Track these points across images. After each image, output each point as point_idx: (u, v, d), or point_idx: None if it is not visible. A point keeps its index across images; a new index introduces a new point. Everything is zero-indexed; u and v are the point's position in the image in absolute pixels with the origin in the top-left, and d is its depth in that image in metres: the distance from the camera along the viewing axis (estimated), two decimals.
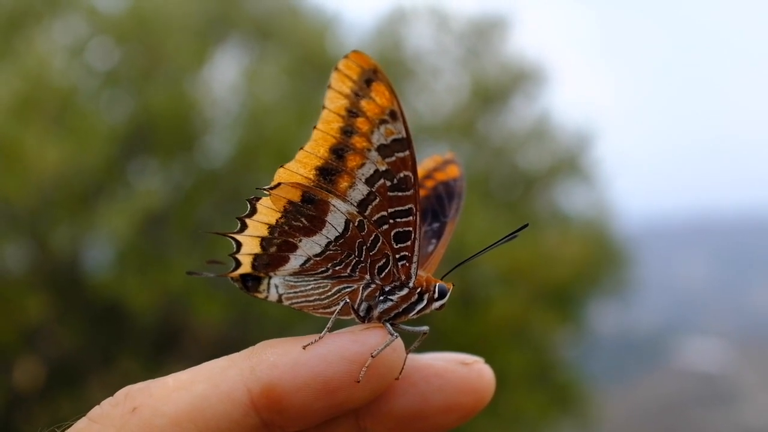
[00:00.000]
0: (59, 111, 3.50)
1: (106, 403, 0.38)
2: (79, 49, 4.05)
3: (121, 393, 0.38)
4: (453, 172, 0.54)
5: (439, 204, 0.52)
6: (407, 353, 0.41)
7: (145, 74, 4.02)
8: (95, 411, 0.38)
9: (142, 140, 4.00)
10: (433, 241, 0.51)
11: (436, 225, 0.51)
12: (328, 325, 0.43)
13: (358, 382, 0.38)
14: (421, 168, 0.54)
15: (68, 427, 0.38)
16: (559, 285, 4.63)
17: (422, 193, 0.52)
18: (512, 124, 5.31)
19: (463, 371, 0.42)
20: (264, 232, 0.47)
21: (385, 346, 0.39)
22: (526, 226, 0.47)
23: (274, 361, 0.38)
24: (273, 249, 0.47)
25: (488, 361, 0.46)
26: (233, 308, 3.54)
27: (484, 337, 4.41)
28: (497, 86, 5.14)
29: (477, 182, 4.94)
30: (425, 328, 0.46)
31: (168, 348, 3.94)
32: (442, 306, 0.46)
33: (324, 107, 0.43)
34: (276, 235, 0.46)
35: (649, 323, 18.29)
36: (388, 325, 0.42)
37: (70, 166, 3.37)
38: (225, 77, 4.38)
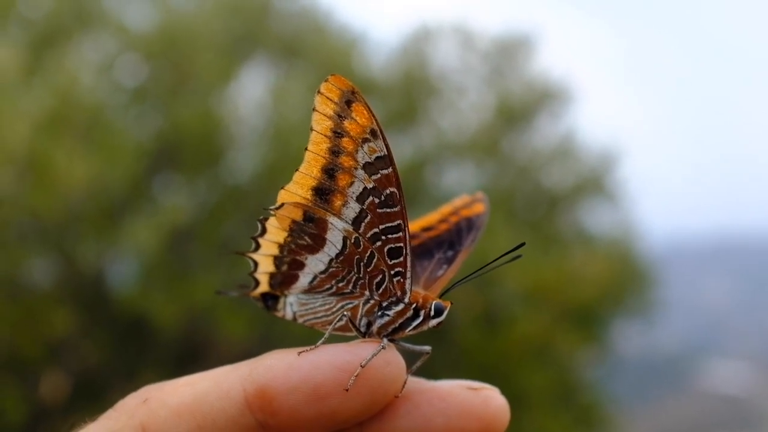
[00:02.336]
0: (88, 127, 3.54)
1: (129, 396, 0.41)
2: (108, 66, 4.10)
3: (142, 389, 0.41)
4: (478, 208, 0.55)
5: (457, 235, 0.53)
6: (409, 372, 0.42)
7: (172, 91, 4.06)
8: (119, 402, 0.41)
9: (168, 156, 4.04)
10: (444, 266, 0.51)
11: (450, 253, 0.52)
12: (325, 336, 0.45)
13: (347, 390, 0.39)
14: (450, 206, 0.55)
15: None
16: (583, 305, 4.61)
17: (445, 227, 0.54)
18: (537, 143, 5.31)
19: (467, 395, 0.41)
20: (275, 251, 0.48)
21: (373, 356, 0.40)
22: (522, 244, 0.48)
23: (270, 365, 0.39)
24: (284, 267, 0.49)
25: (511, 380, 0.46)
26: (257, 325, 3.56)
27: (507, 356, 4.40)
28: (522, 105, 5.14)
29: (501, 201, 4.94)
30: (427, 348, 0.46)
31: (191, 363, 3.95)
32: (439, 324, 0.46)
33: (312, 129, 0.45)
34: (285, 253, 0.48)
35: (673, 344, 18.14)
36: (385, 340, 0.43)
37: (98, 181, 3.41)
38: (251, 94, 4.42)
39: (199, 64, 3.99)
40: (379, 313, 0.46)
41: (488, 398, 0.41)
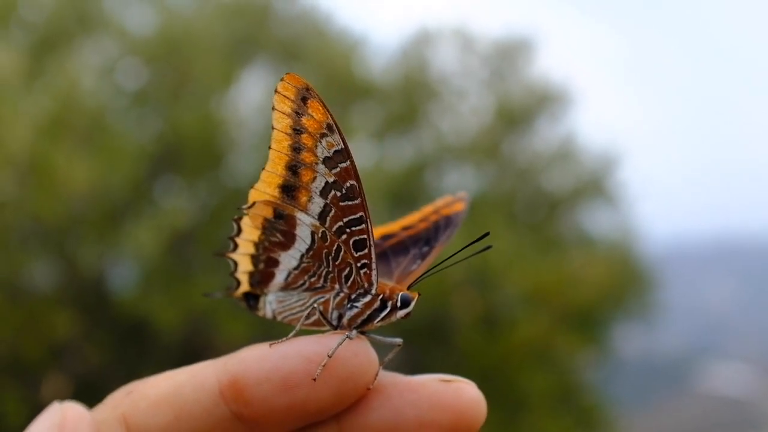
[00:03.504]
0: (89, 131, 3.55)
1: (117, 390, 0.42)
2: (109, 69, 4.11)
3: (129, 384, 0.43)
4: (458, 207, 0.56)
5: (435, 232, 0.54)
6: (381, 365, 0.42)
7: (173, 94, 4.07)
8: (108, 396, 0.42)
9: (169, 159, 4.05)
10: (418, 261, 0.52)
11: (425, 249, 0.52)
12: (296, 328, 0.46)
13: (314, 380, 0.39)
14: (431, 206, 0.56)
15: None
16: (583, 307, 4.62)
17: (424, 225, 0.54)
18: (537, 146, 5.32)
19: (438, 387, 0.41)
20: (251, 249, 0.49)
21: (338, 345, 0.40)
22: (487, 234, 0.48)
23: (243, 357, 0.40)
24: (261, 265, 0.49)
25: (512, 382, 0.46)
26: (257, 327, 3.56)
27: (508, 359, 4.41)
28: (522, 108, 5.15)
29: (501, 204, 4.95)
30: (398, 340, 0.46)
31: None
32: (407, 315, 0.46)
33: (273, 128, 0.45)
34: (261, 251, 0.49)
35: (674, 347, 18.13)
36: (354, 331, 0.44)
37: (99, 184, 3.42)
38: (252, 98, 4.43)
39: (199, 67, 4.00)
40: (349, 306, 0.47)
41: (460, 390, 0.41)
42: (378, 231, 0.54)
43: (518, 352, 4.41)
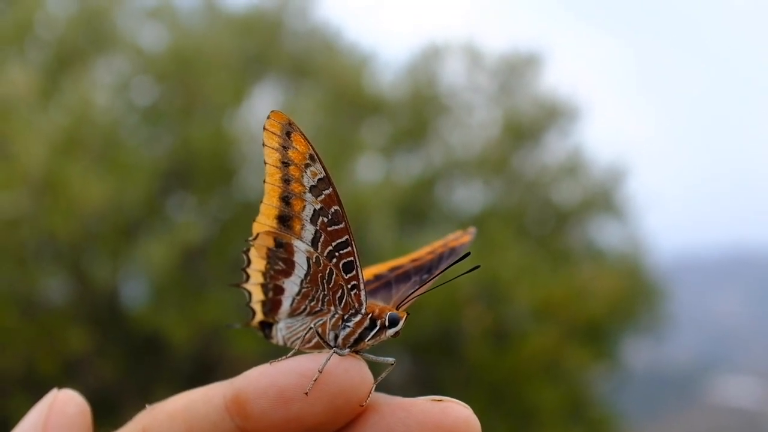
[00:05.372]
0: (102, 148, 3.58)
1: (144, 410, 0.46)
2: (122, 87, 4.15)
3: (156, 404, 0.46)
4: (465, 239, 0.58)
5: (438, 261, 0.56)
6: (375, 382, 0.43)
7: (184, 111, 4.10)
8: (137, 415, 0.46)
9: (181, 175, 4.07)
10: (417, 287, 0.54)
11: (425, 276, 0.54)
12: (296, 348, 0.49)
13: (306, 394, 0.41)
14: (441, 240, 0.58)
15: None
16: (592, 320, 4.61)
17: (430, 257, 0.56)
18: (546, 159, 5.32)
19: (427, 406, 0.42)
20: (261, 278, 0.52)
21: (327, 360, 0.42)
22: (468, 255, 0.51)
23: (247, 374, 0.43)
24: (270, 294, 0.52)
25: (522, 396, 0.47)
26: (268, 343, 3.58)
27: (517, 372, 4.41)
28: (530, 122, 5.16)
29: (510, 217, 4.96)
30: (391, 359, 0.49)
31: (204, 380, 3.94)
32: (396, 333, 0.48)
33: (265, 163, 0.48)
34: (268, 280, 0.52)
35: (684, 359, 18.04)
36: (347, 350, 0.46)
37: (112, 201, 3.44)
38: (262, 114, 4.45)
39: (211, 84, 4.03)
40: (342, 326, 0.49)
41: (448, 408, 0.42)
42: (387, 264, 0.57)
43: (528, 365, 4.41)
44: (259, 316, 0.54)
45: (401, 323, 0.48)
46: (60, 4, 4.27)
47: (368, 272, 0.55)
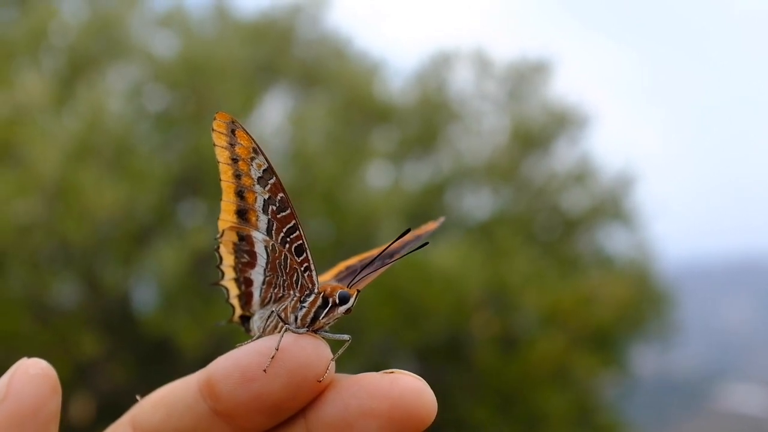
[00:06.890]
0: (115, 154, 3.61)
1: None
2: (134, 93, 4.18)
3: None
4: (431, 227, 0.60)
5: (402, 247, 0.57)
6: (333, 358, 0.44)
7: (195, 118, 4.13)
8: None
9: (192, 181, 4.10)
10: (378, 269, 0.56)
11: (388, 261, 0.56)
12: (258, 335, 0.51)
13: (265, 371, 0.43)
14: (414, 231, 0.59)
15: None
16: (600, 327, 4.62)
17: (397, 244, 0.56)
18: (554, 166, 5.33)
19: (376, 378, 0.43)
20: (233, 273, 0.54)
21: (281, 338, 0.44)
22: (426, 243, 0.54)
23: (218, 358, 0.44)
24: (243, 287, 0.54)
25: (529, 402, 0.48)
26: (250, 336, 3.59)
27: (525, 378, 4.41)
28: (539, 129, 5.17)
29: (519, 224, 4.97)
30: (347, 336, 0.50)
31: None
32: (348, 311, 0.50)
33: (218, 162, 0.50)
34: (239, 274, 0.54)
35: (692, 367, 17.98)
36: (303, 329, 0.48)
37: (125, 207, 3.47)
38: (272, 121, 4.49)
39: (221, 91, 4.06)
40: (300, 307, 0.50)
41: (396, 379, 0.43)
42: (359, 256, 0.58)
43: (536, 371, 4.41)
44: (238, 311, 0.55)
45: (352, 300, 0.50)
46: (73, 12, 4.32)
47: (341, 265, 0.57)
